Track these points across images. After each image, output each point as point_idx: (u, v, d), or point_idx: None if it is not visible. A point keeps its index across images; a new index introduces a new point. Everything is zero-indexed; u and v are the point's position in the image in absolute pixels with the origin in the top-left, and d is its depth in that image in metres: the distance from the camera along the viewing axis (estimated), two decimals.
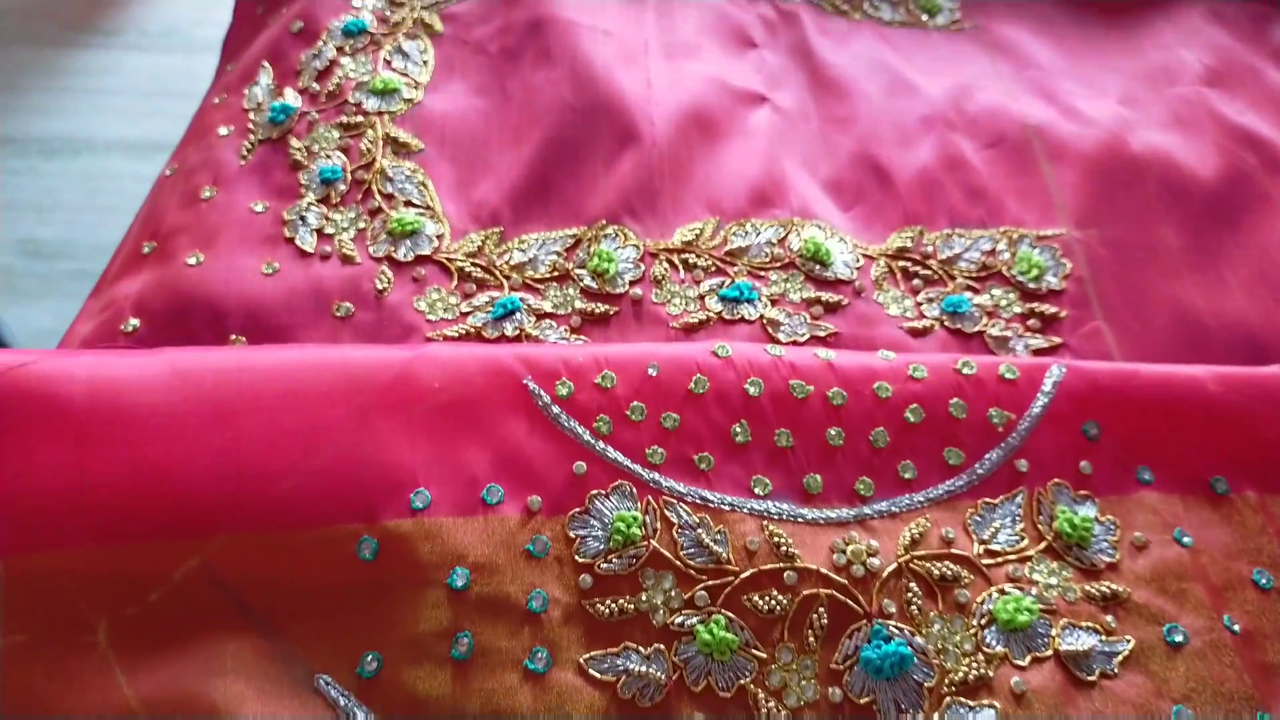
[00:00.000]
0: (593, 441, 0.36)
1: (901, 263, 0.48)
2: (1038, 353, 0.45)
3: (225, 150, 0.50)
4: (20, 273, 0.88)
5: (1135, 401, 0.40)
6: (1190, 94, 0.57)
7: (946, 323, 0.46)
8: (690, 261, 0.46)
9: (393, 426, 0.35)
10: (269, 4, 0.61)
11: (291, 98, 0.52)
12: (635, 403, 0.37)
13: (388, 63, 0.54)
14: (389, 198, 0.48)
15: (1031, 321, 0.46)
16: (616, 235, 0.47)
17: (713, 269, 0.46)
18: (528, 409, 0.37)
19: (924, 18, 0.61)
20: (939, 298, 0.47)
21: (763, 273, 0.46)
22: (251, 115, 0.52)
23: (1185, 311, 0.47)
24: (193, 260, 0.45)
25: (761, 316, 0.44)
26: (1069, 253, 0.49)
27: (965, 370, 0.40)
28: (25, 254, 0.90)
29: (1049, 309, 0.47)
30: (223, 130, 0.52)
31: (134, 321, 0.43)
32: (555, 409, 0.37)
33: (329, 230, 0.47)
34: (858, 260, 0.47)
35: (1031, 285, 0.48)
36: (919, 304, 0.46)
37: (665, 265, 0.46)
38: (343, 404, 0.35)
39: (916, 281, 0.47)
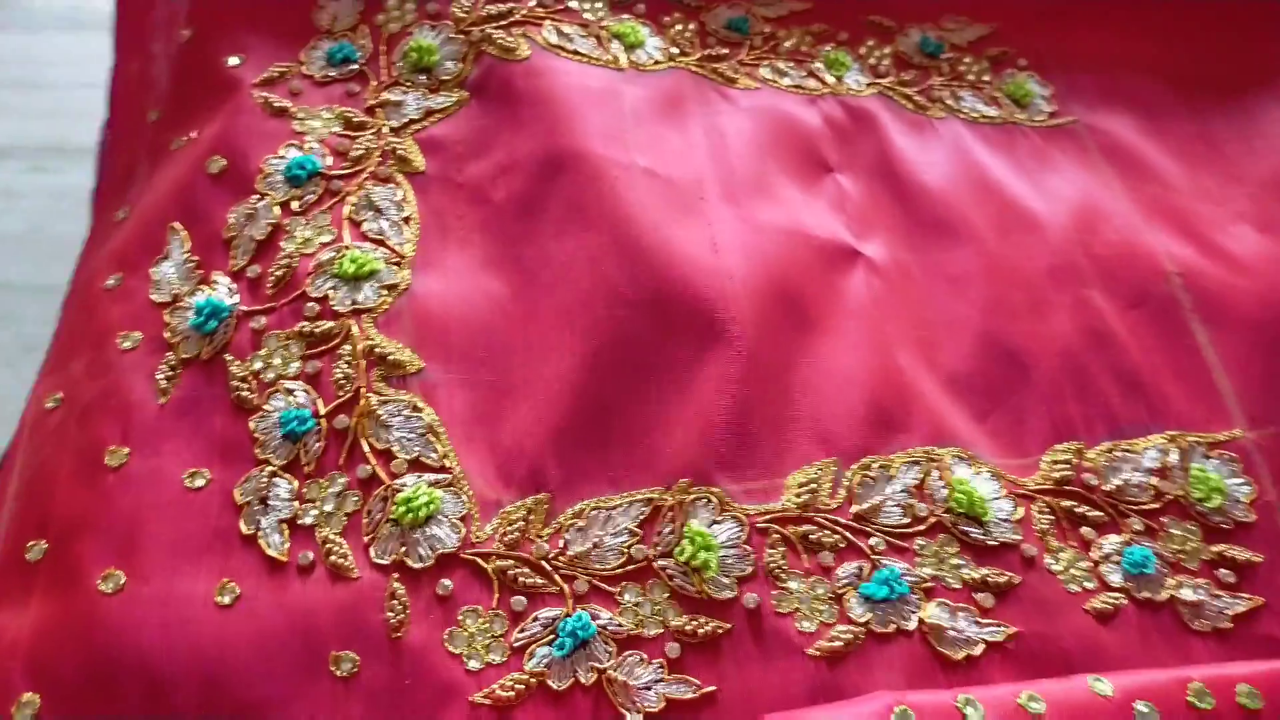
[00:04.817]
0: None
1: (1066, 502, 0.37)
2: (1238, 620, 0.35)
3: (133, 378, 0.35)
4: None
5: None
6: None
7: (1133, 592, 0.35)
8: (811, 538, 0.34)
9: None
10: (162, 104, 0.45)
11: (223, 291, 0.37)
12: None
13: (354, 224, 0.39)
14: (386, 457, 0.34)
15: (1222, 572, 0.37)
16: (708, 502, 0.34)
17: (843, 546, 0.34)
18: None
19: (1017, 113, 0.49)
20: (1117, 553, 0.36)
21: (906, 543, 0.35)
22: (166, 318, 0.37)
23: None
24: (108, 585, 0.31)
25: (922, 623, 0.33)
26: (1250, 466, 0.39)
27: (1201, 704, 0.30)
28: None
29: (1240, 553, 0.37)
30: (124, 341, 0.36)
31: (31, 701, 0.29)
32: None
33: (305, 520, 0.33)
34: (1016, 508, 0.36)
35: (1215, 518, 0.38)
36: (1097, 566, 0.36)
37: (781, 549, 0.34)
38: None
39: (1086, 530, 0.37)
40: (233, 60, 0.44)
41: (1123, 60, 0.54)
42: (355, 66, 0.44)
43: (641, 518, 0.34)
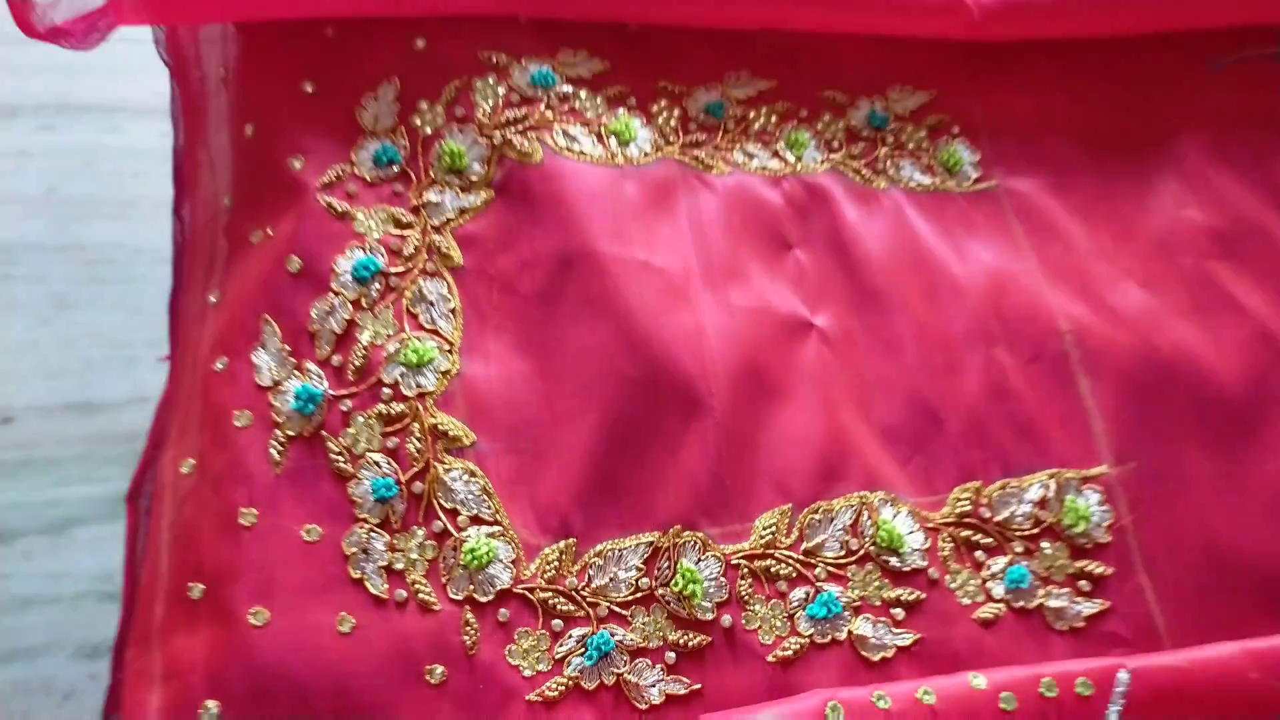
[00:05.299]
0: None
1: (964, 532, 0.49)
2: (1089, 620, 0.48)
3: (251, 452, 0.46)
4: None
5: (1189, 699, 0.43)
6: (1204, 272, 0.59)
7: (1010, 602, 0.48)
8: (772, 570, 0.46)
9: None
10: (232, 191, 0.54)
11: (315, 378, 0.48)
12: None
13: (412, 316, 0.49)
14: (453, 514, 0.46)
15: (1082, 583, 0.49)
16: (696, 545, 0.46)
17: (795, 576, 0.46)
18: None
19: (948, 180, 0.59)
20: (1001, 572, 0.48)
21: (842, 571, 0.47)
22: (271, 400, 0.47)
23: (1215, 549, 0.51)
24: (257, 620, 0.42)
25: (850, 634, 0.45)
26: (1111, 497, 0.51)
27: (1049, 694, 0.43)
28: None
29: (1096, 567, 0.49)
30: (239, 419, 0.47)
31: (213, 708, 0.41)
32: None
33: (398, 565, 0.44)
34: (925, 540, 0.48)
35: (1080, 540, 0.50)
36: (985, 583, 0.48)
37: (749, 580, 0.46)
38: None
39: (979, 554, 0.49)
40: (296, 163, 0.53)
41: (1043, 122, 0.63)
42: (398, 168, 0.53)
43: (645, 556, 0.46)
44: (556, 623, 0.44)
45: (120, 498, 0.91)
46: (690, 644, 0.44)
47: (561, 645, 0.44)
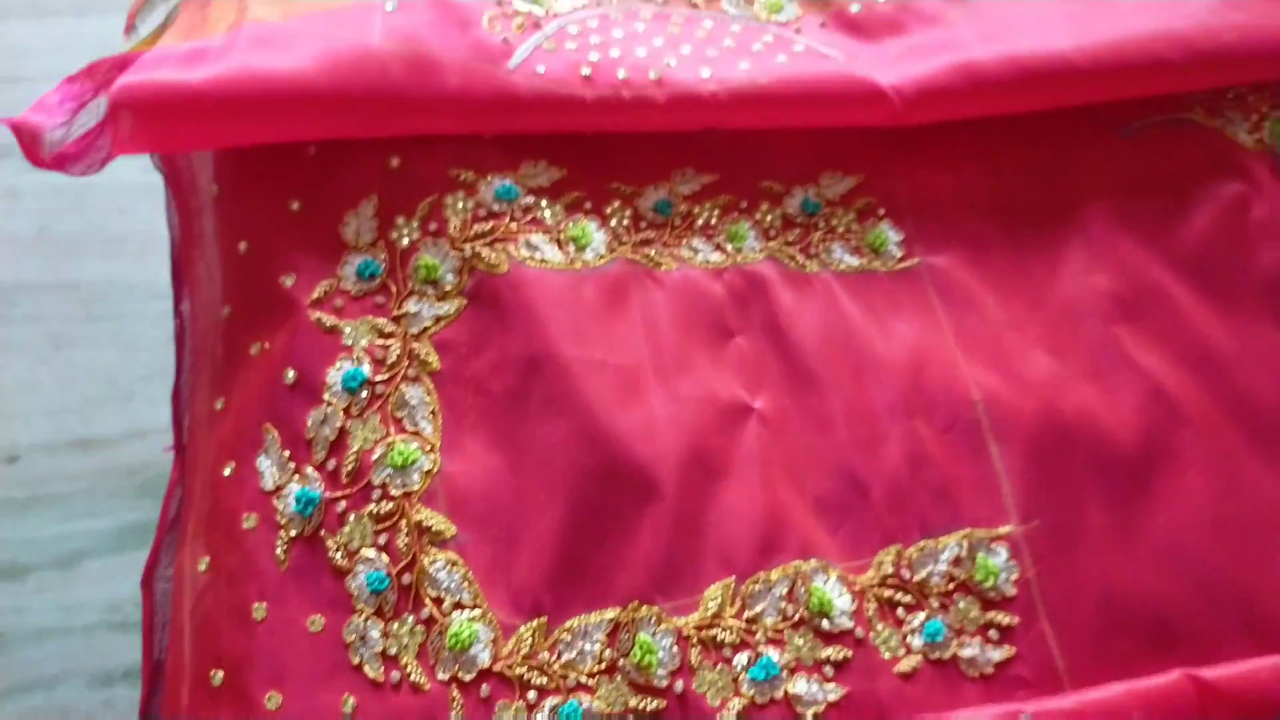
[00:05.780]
0: None
1: (887, 592, 0.56)
2: (998, 666, 0.55)
3: (260, 552, 0.53)
4: None
5: None
6: (1106, 336, 0.65)
7: (928, 654, 0.55)
8: (718, 639, 0.53)
9: None
10: (230, 302, 0.60)
11: (313, 482, 0.54)
12: None
13: (396, 420, 0.56)
14: (438, 601, 0.52)
15: (991, 633, 0.56)
16: (651, 619, 0.53)
17: (738, 643, 0.54)
18: None
19: (874, 260, 0.66)
20: (920, 627, 0.56)
21: (779, 636, 0.54)
22: (275, 503, 0.54)
23: (1110, 596, 0.58)
24: (272, 704, 0.49)
25: (786, 692, 0.52)
26: (1017, 552, 0.58)
27: None
28: None
29: (1003, 618, 0.56)
30: (247, 521, 0.54)
31: None
32: None
33: (392, 650, 0.51)
34: (852, 602, 0.56)
35: (990, 594, 0.57)
36: (905, 638, 0.55)
37: (698, 648, 0.53)
38: None
39: (900, 611, 0.56)
40: (287, 281, 0.59)
41: (962, 198, 0.70)
42: (379, 280, 0.60)
43: (608, 631, 0.53)
44: (531, 694, 0.51)
45: (126, 529, 0.97)
46: (648, 709, 0.51)
47: (537, 715, 0.51)
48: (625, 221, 0.64)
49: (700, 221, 0.65)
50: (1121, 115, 0.74)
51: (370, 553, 0.53)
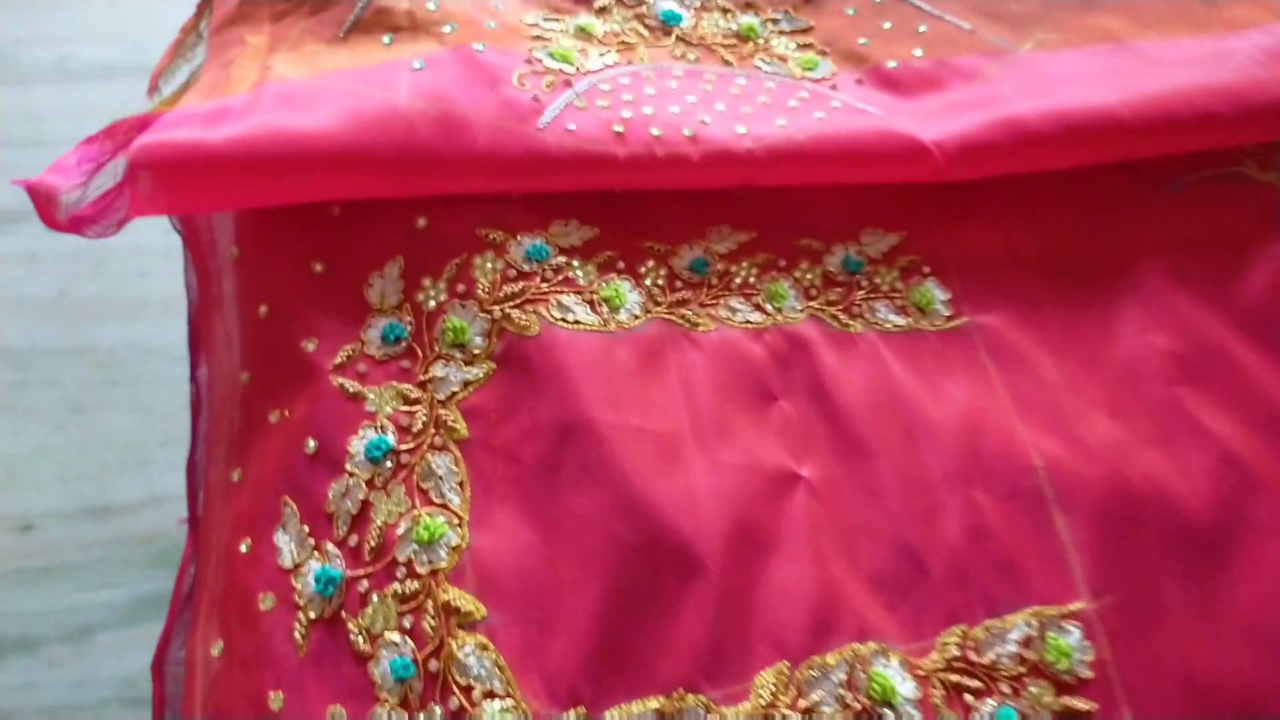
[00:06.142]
0: None
1: (953, 677, 0.52)
2: None
3: (277, 636, 0.49)
4: None
5: None
6: (1169, 398, 0.62)
7: None
8: None
9: None
10: (249, 368, 0.57)
11: (334, 559, 0.50)
12: None
13: (422, 491, 0.53)
14: (467, 690, 0.48)
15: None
16: (699, 710, 0.49)
17: None
18: None
19: (923, 321, 0.63)
20: (990, 715, 0.51)
21: None
22: (293, 582, 0.50)
23: (1194, 677, 0.53)
24: None
25: None
26: (1091, 632, 0.54)
27: None
28: None
29: (1080, 703, 0.52)
30: (264, 602, 0.50)
31: None
32: None
33: None
34: (917, 689, 0.51)
35: (1064, 677, 0.52)
36: None
37: None
38: None
39: (968, 696, 0.52)
40: (309, 345, 0.56)
41: (1008, 256, 0.67)
42: (405, 344, 0.57)
43: None
44: None
45: (140, 601, 0.93)
46: None
47: None
48: (660, 281, 0.61)
49: (738, 281, 0.62)
50: (1167, 171, 0.72)
51: (394, 636, 0.49)
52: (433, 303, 0.58)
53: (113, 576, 0.96)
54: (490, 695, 0.48)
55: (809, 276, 0.64)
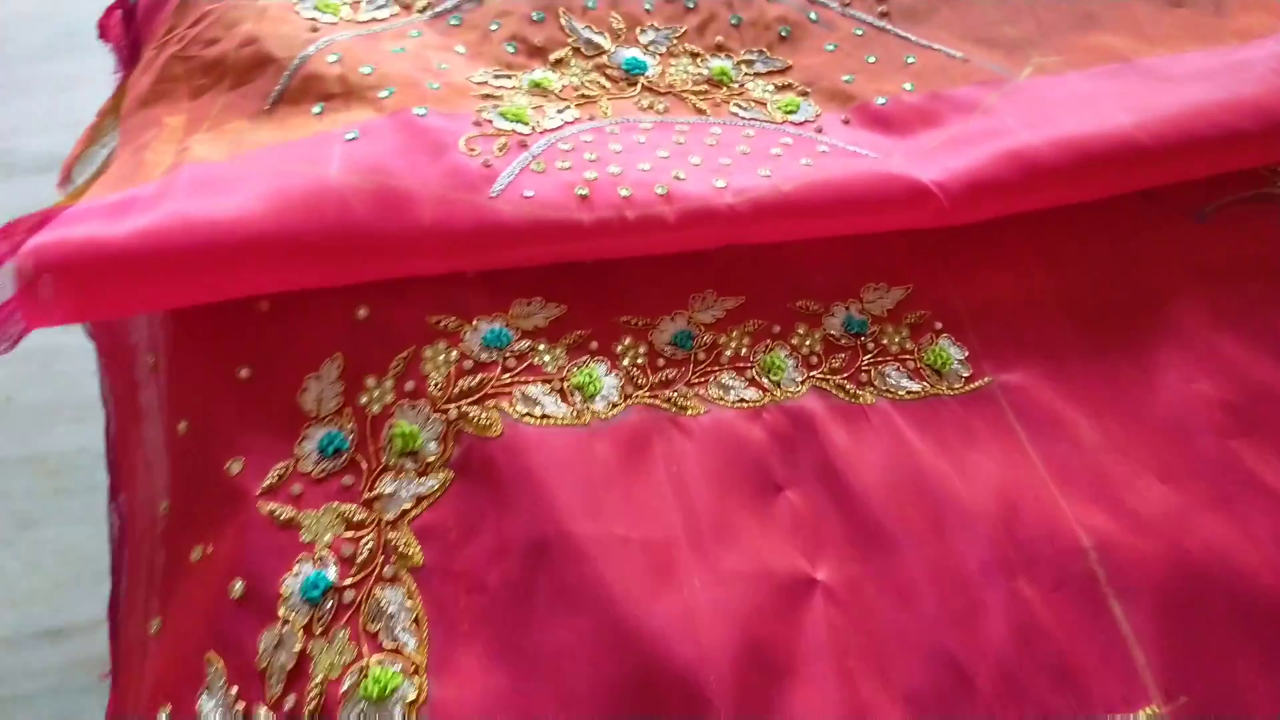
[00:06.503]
0: None
1: None
2: None
3: None
4: None
5: None
6: (1224, 454, 0.54)
7: None
8: None
9: None
10: (169, 495, 0.49)
11: None
12: None
13: (370, 637, 0.44)
14: None
15: None
16: None
17: None
18: None
19: (940, 384, 0.55)
20: None
21: None
22: None
23: None
24: None
25: None
26: None
27: None
28: None
29: None
30: None
31: None
32: None
33: None
34: None
35: None
36: None
37: None
38: None
39: None
40: (234, 467, 0.48)
41: (1027, 304, 0.60)
42: (346, 456, 0.49)
43: None
44: None
45: None
46: None
47: None
48: (640, 360, 0.54)
49: (728, 353, 0.55)
50: (1190, 197, 0.65)
51: None
52: (378, 405, 0.50)
53: (66, 706, 0.88)
54: None
55: (808, 342, 0.56)
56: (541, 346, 0.53)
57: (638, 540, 0.47)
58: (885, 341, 0.57)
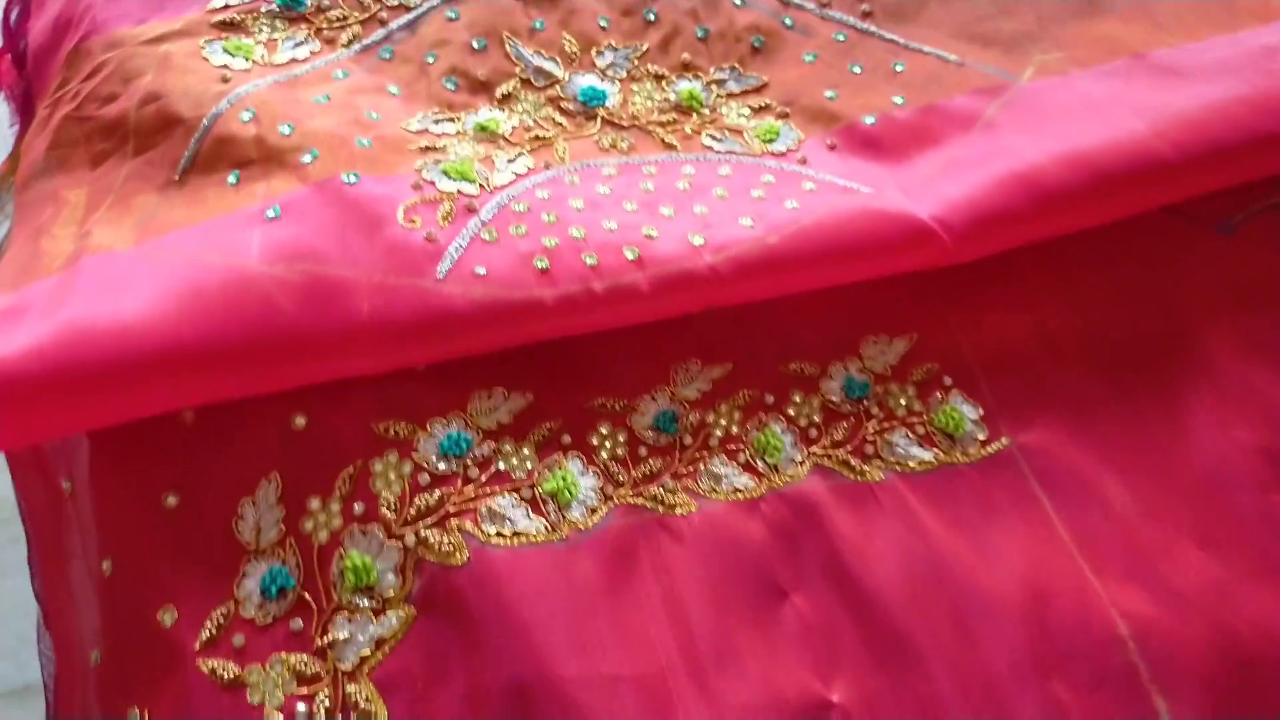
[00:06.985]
0: None
1: None
2: None
3: None
4: None
5: None
6: (1266, 511, 0.49)
7: None
8: None
9: None
10: (99, 645, 0.44)
11: None
12: None
13: None
14: None
15: None
16: None
17: None
18: None
19: (954, 451, 0.50)
20: None
21: None
22: None
23: None
24: None
25: None
26: None
27: None
28: None
29: None
30: None
31: None
32: None
33: None
34: None
35: None
36: None
37: None
38: None
39: None
40: (166, 617, 0.42)
41: (1044, 348, 0.54)
42: (292, 594, 0.43)
43: None
44: None
45: None
46: None
47: None
48: (619, 451, 0.48)
49: (718, 433, 0.49)
50: (1213, 208, 0.59)
51: None
52: (324, 532, 0.44)
53: None
54: None
55: (805, 412, 0.51)
56: (507, 448, 0.46)
57: (629, 678, 0.42)
58: (891, 404, 0.51)
